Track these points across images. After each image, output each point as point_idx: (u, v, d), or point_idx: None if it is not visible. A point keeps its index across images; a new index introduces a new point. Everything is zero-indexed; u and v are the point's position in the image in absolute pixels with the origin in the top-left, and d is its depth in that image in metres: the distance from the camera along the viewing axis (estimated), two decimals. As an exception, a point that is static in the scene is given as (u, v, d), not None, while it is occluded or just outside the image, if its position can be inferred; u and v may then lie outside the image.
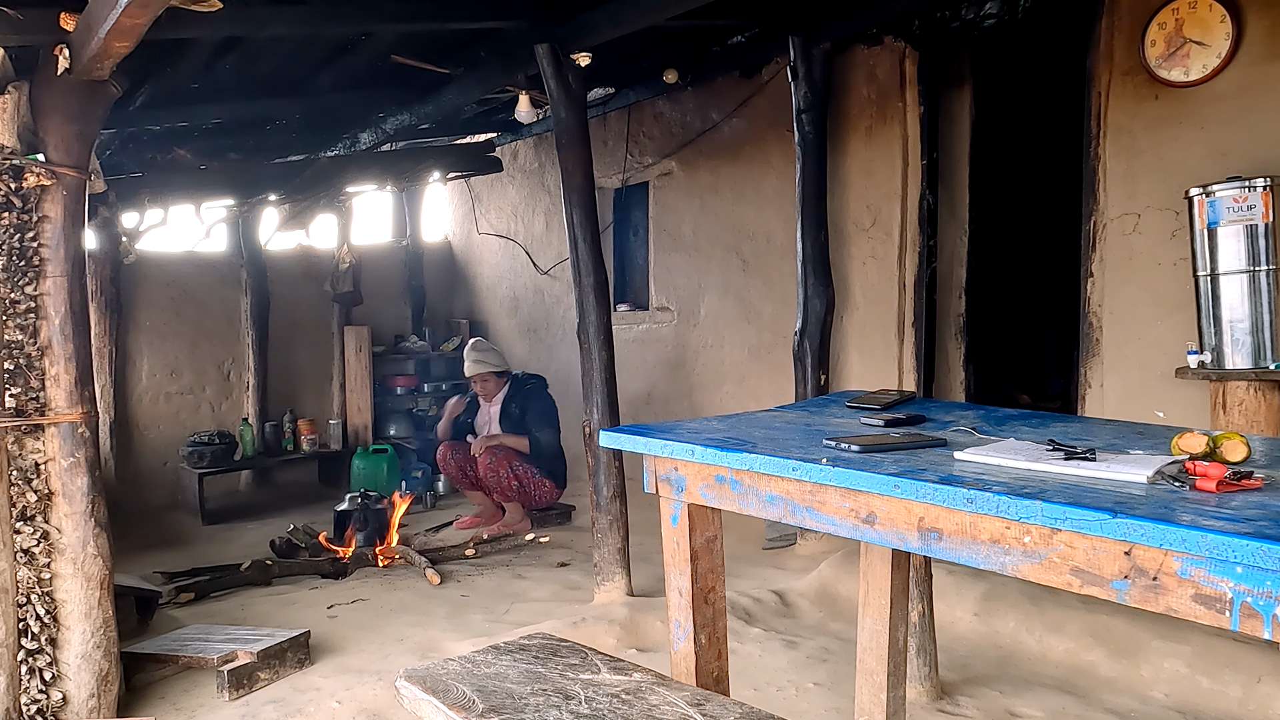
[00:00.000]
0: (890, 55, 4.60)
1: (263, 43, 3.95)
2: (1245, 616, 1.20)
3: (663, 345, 6.13)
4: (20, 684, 2.78)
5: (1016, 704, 2.90)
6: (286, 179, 5.85)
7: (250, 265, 6.79)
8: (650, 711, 1.73)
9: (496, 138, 7.05)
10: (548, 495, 5.42)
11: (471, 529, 5.36)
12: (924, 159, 4.55)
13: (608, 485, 3.82)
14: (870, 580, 2.43)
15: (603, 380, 3.83)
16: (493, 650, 2.08)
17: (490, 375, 5.55)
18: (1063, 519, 1.33)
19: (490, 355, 5.61)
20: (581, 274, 3.85)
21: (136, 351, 6.36)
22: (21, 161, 2.76)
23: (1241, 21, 3.36)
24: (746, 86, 5.33)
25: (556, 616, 3.59)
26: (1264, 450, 1.72)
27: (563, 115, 3.81)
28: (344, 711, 2.92)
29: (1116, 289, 3.79)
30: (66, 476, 2.84)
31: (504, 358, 5.75)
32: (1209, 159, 3.44)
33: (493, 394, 5.58)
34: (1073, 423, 2.16)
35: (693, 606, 2.04)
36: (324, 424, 6.91)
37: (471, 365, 5.56)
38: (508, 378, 5.64)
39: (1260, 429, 3.09)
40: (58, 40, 2.72)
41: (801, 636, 3.46)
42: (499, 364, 5.60)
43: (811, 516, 1.73)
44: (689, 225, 5.89)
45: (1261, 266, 3.10)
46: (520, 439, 5.37)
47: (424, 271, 7.81)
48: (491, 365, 5.55)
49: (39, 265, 2.82)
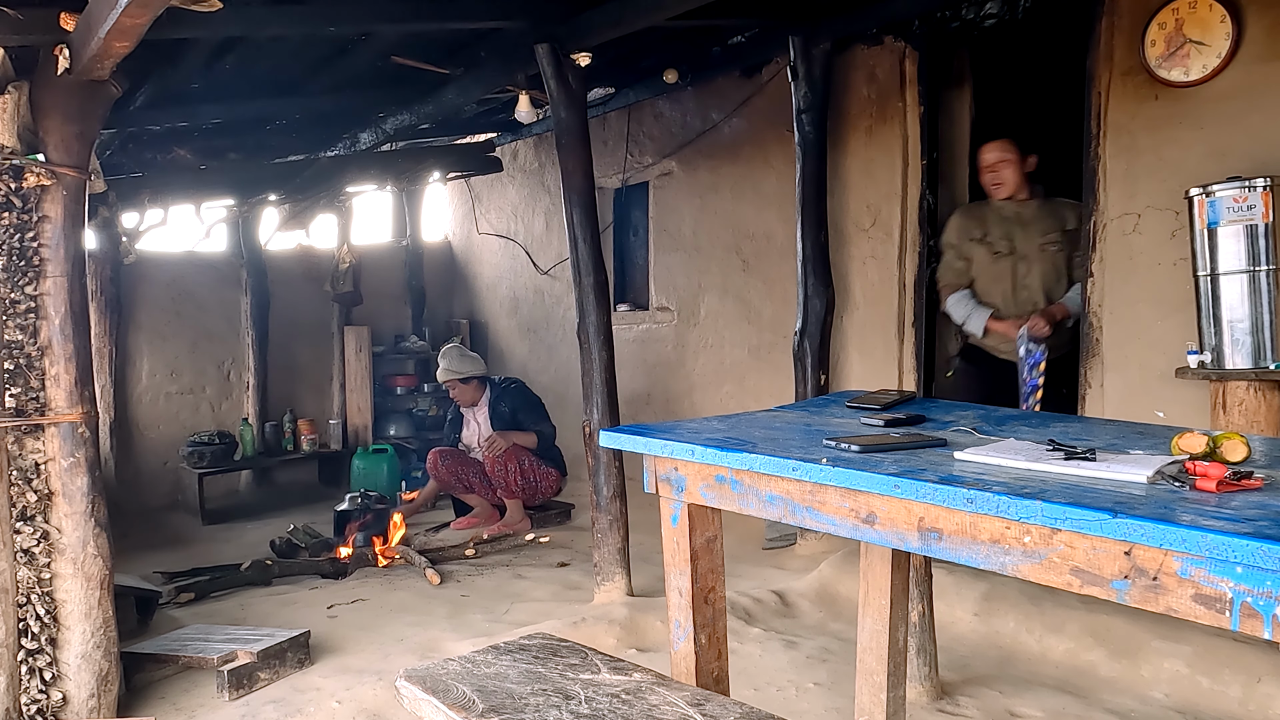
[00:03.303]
0: (890, 55, 4.60)
1: (263, 43, 3.95)
2: (1245, 616, 1.20)
3: (663, 345, 6.13)
4: (20, 684, 2.78)
5: (1016, 704, 2.90)
6: (286, 179, 5.86)
7: (250, 265, 6.79)
8: (650, 711, 1.73)
9: (496, 138, 7.05)
10: (553, 485, 5.41)
11: (470, 529, 5.36)
12: (924, 159, 4.55)
13: (608, 485, 3.82)
14: (870, 580, 2.43)
15: (603, 380, 3.83)
16: (493, 650, 2.08)
17: (456, 382, 5.48)
18: (1063, 519, 1.33)
19: (462, 362, 5.53)
20: (581, 274, 3.85)
21: (136, 351, 6.37)
22: (21, 161, 2.76)
23: (1241, 21, 3.36)
24: (746, 86, 5.33)
25: (556, 616, 3.59)
26: (1264, 450, 1.72)
27: (563, 115, 3.81)
28: (344, 711, 2.92)
29: (1116, 289, 3.79)
30: (66, 476, 2.84)
31: (480, 363, 5.66)
32: (1209, 159, 3.44)
33: (471, 401, 5.55)
34: (1073, 423, 2.16)
35: (693, 606, 2.04)
36: (324, 424, 6.91)
37: (441, 372, 5.50)
38: (485, 384, 5.59)
39: (1260, 429, 3.09)
40: (58, 40, 2.72)
41: (801, 636, 3.46)
42: (471, 370, 5.52)
43: (811, 516, 1.73)
44: (689, 225, 5.89)
45: (1261, 266, 3.10)
46: (528, 435, 5.37)
47: (424, 271, 7.81)
48: (459, 372, 5.48)
49: (39, 265, 2.82)
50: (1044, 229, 4.00)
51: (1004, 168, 4.01)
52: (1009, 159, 4.00)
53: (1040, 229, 4.00)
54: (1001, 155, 4.01)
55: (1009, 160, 4.00)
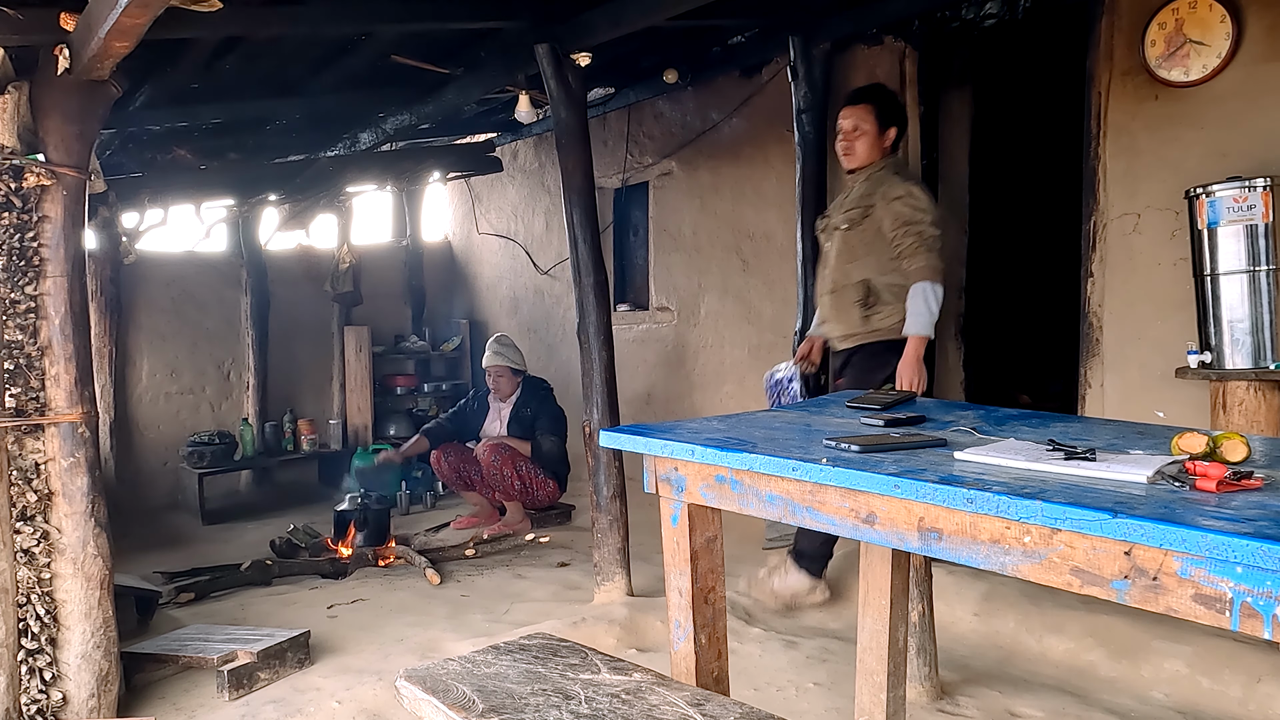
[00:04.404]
0: (890, 55, 4.60)
1: (263, 43, 3.95)
2: (1245, 616, 1.20)
3: (663, 345, 6.13)
4: (20, 684, 2.78)
5: (1016, 704, 2.90)
6: (286, 179, 5.86)
7: (250, 265, 6.79)
8: (650, 711, 1.73)
9: (496, 138, 7.06)
10: (550, 495, 5.43)
11: (470, 529, 5.36)
12: (924, 159, 4.55)
13: (608, 485, 3.82)
14: (870, 580, 2.42)
15: (603, 380, 3.83)
16: (493, 650, 2.08)
17: (507, 371, 5.56)
18: (1063, 519, 1.33)
19: (512, 351, 5.63)
20: (581, 274, 3.85)
21: (136, 351, 6.37)
22: (21, 161, 2.76)
23: (1241, 21, 3.36)
24: (746, 86, 5.33)
25: (556, 616, 3.59)
26: (1264, 450, 1.72)
27: (563, 115, 3.81)
28: (344, 711, 2.92)
29: (1116, 289, 3.79)
30: (66, 476, 2.84)
31: (524, 358, 5.76)
32: (1209, 159, 3.44)
33: (506, 393, 5.59)
34: (1073, 423, 2.15)
35: (693, 606, 2.04)
36: (324, 424, 6.91)
37: (492, 356, 5.58)
38: (522, 378, 5.66)
39: (1260, 429, 3.09)
40: (58, 40, 2.72)
41: (801, 636, 3.46)
42: (519, 362, 5.64)
43: (811, 516, 1.73)
44: (689, 225, 5.89)
45: (1261, 266, 3.10)
46: (523, 443, 5.39)
47: (424, 271, 7.81)
48: (511, 361, 5.58)
49: (39, 265, 2.82)
50: (849, 206, 3.57)
51: (856, 138, 3.53)
52: (865, 130, 3.52)
53: (848, 206, 3.58)
54: (857, 122, 3.53)
55: (865, 131, 3.52)
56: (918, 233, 3.36)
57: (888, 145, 3.55)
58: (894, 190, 3.42)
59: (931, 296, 3.33)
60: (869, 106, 3.54)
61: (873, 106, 3.54)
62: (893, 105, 3.61)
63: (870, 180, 3.54)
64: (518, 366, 5.62)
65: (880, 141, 3.53)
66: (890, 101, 3.61)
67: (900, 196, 3.41)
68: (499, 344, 5.65)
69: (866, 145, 3.53)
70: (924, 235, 3.36)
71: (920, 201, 3.41)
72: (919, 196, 3.42)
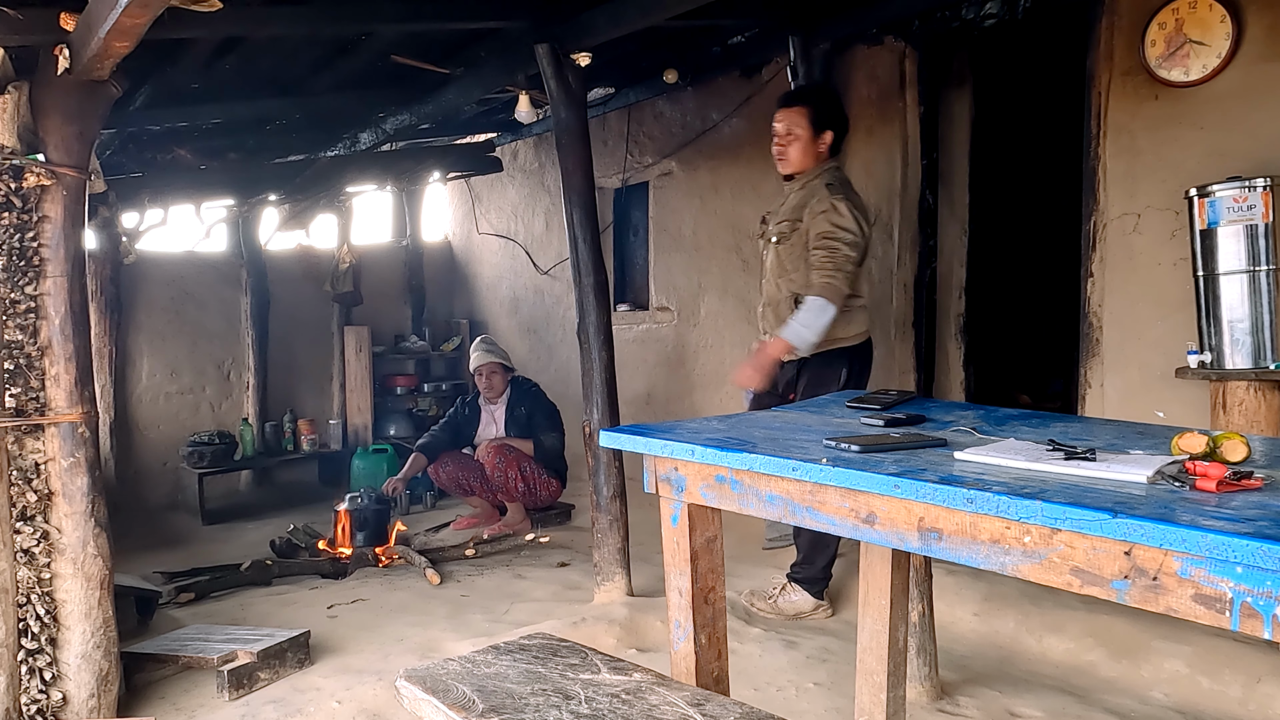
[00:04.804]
0: (890, 55, 4.60)
1: (263, 43, 3.95)
2: (1245, 616, 1.20)
3: (663, 345, 6.12)
4: (20, 684, 2.78)
5: (1016, 704, 2.90)
6: (286, 179, 5.86)
7: (250, 265, 6.79)
8: (650, 711, 1.73)
9: (496, 138, 7.05)
10: (552, 494, 5.45)
11: (470, 529, 5.36)
12: (924, 159, 4.55)
13: (608, 485, 3.82)
14: (870, 580, 2.42)
15: (603, 380, 3.83)
16: (493, 650, 2.08)
17: (498, 368, 5.57)
18: (1063, 519, 1.33)
19: (497, 350, 5.67)
20: (581, 274, 3.85)
21: (136, 351, 6.36)
22: (21, 161, 2.76)
23: (1241, 21, 3.36)
24: (746, 86, 5.32)
25: (556, 616, 3.59)
26: (1264, 450, 1.72)
27: (563, 115, 3.81)
28: (344, 711, 2.92)
29: (1116, 289, 3.79)
30: (66, 476, 2.84)
31: (509, 356, 5.78)
32: (1209, 159, 3.44)
33: (499, 390, 5.60)
34: (1073, 423, 2.16)
35: (693, 606, 2.04)
36: (324, 424, 6.91)
37: (481, 355, 5.59)
38: (510, 376, 5.67)
39: (1260, 429, 3.09)
40: (58, 40, 2.72)
41: (801, 636, 3.46)
42: (507, 358, 5.67)
43: (811, 516, 1.73)
44: (689, 225, 5.89)
45: (1261, 266, 3.10)
46: (525, 442, 5.40)
47: (424, 271, 7.81)
48: (501, 357, 5.61)
49: (39, 265, 2.82)
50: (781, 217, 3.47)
51: (789, 142, 3.41)
52: (798, 134, 3.39)
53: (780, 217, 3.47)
54: (790, 126, 3.40)
55: (797, 136, 3.40)
56: (831, 249, 3.27)
57: (824, 150, 3.44)
58: (820, 205, 3.33)
59: (819, 314, 3.23)
60: (802, 109, 3.43)
61: (807, 109, 3.42)
62: (830, 107, 3.47)
63: (805, 189, 3.44)
64: (507, 363, 5.66)
65: (815, 146, 3.42)
66: (827, 103, 3.48)
67: (824, 212, 3.31)
68: (485, 343, 5.69)
69: (800, 150, 3.43)
70: (836, 254, 3.26)
71: (843, 219, 3.29)
72: (843, 214, 3.29)
